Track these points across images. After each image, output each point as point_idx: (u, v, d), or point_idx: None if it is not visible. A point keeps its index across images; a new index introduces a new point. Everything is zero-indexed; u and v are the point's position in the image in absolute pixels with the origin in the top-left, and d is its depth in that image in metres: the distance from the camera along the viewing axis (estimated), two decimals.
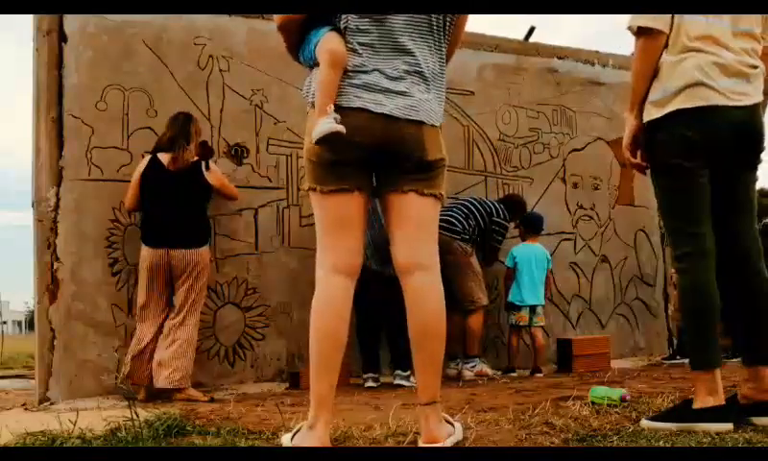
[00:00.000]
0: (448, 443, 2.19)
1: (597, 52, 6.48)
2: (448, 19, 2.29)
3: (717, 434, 2.26)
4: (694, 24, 2.49)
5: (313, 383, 2.22)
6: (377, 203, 4.84)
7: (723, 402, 2.40)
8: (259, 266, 4.88)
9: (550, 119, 6.14)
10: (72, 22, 4.46)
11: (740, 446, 2.10)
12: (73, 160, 4.39)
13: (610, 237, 6.27)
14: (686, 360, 5.04)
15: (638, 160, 2.68)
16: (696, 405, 2.41)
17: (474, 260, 5.10)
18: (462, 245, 4.99)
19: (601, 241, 6.24)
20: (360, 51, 2.19)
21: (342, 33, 2.21)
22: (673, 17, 2.49)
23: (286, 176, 5.03)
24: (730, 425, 2.33)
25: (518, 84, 6.00)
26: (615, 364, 5.39)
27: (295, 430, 2.26)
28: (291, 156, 5.05)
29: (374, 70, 2.18)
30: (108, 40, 4.55)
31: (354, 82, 2.18)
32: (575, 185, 6.18)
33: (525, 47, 6.10)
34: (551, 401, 3.04)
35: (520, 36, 6.17)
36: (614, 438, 2.25)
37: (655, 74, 2.54)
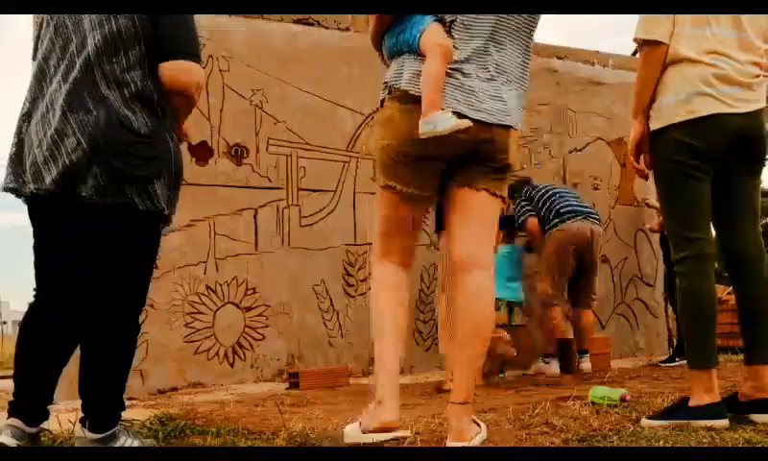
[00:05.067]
0: (476, 442, 2.20)
1: (597, 52, 6.49)
2: (532, 19, 2.30)
3: (713, 430, 2.29)
4: (697, 36, 2.54)
5: (377, 375, 2.29)
6: None
7: (718, 400, 2.47)
8: (259, 266, 4.88)
9: (550, 119, 6.14)
10: None
11: (740, 445, 2.10)
12: None
13: (610, 237, 6.26)
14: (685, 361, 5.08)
15: (642, 166, 2.74)
16: (692, 403, 2.48)
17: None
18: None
19: (601, 241, 6.23)
20: (459, 48, 2.17)
21: (444, 25, 2.19)
22: (673, 27, 2.54)
23: (286, 176, 5.03)
24: (725, 422, 2.39)
25: None
26: (615, 364, 5.39)
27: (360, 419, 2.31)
28: (291, 156, 5.05)
29: (470, 70, 2.17)
30: None
31: (452, 81, 2.16)
32: (575, 185, 6.17)
33: None
34: (551, 401, 3.04)
35: None
36: (614, 438, 2.25)
37: (659, 82, 2.60)
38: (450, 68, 2.15)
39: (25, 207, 2.28)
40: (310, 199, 5.06)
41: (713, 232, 2.67)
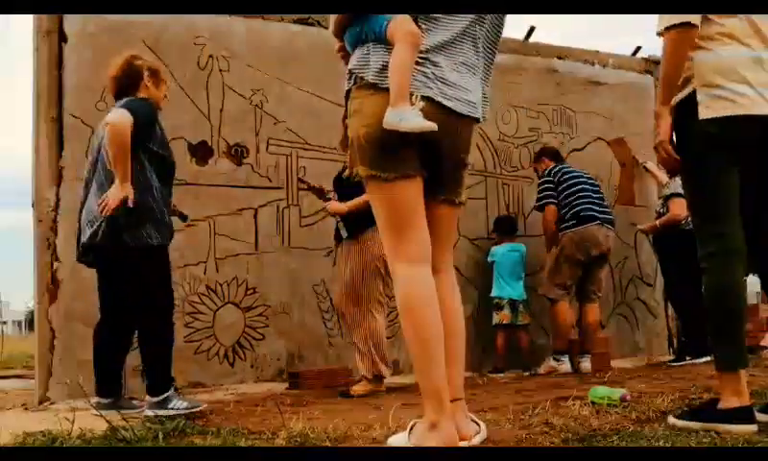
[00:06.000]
0: (476, 441, 2.18)
1: (597, 52, 6.48)
2: (500, 18, 2.30)
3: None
4: (726, 21, 2.45)
5: (427, 380, 2.10)
6: None
7: (747, 403, 2.38)
8: (259, 266, 4.88)
9: (550, 119, 6.13)
10: (72, 22, 4.46)
11: (740, 446, 2.10)
12: (73, 160, 4.39)
13: None
14: (697, 360, 5.07)
15: (677, 156, 2.59)
16: (721, 406, 2.40)
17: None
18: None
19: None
20: (426, 36, 2.14)
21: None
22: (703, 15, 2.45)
23: (286, 176, 5.03)
24: (754, 427, 2.32)
25: (518, 84, 6.00)
26: (615, 364, 5.39)
27: (409, 428, 2.20)
28: (291, 155, 5.05)
29: (438, 60, 2.14)
30: (107, 40, 4.55)
31: (422, 69, 2.12)
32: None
33: (525, 47, 6.10)
34: (551, 401, 3.04)
35: (520, 36, 6.17)
36: (614, 438, 2.25)
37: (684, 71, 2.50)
38: (420, 57, 2.11)
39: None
40: (310, 199, 5.06)
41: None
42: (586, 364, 5.09)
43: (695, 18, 2.45)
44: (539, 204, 5.37)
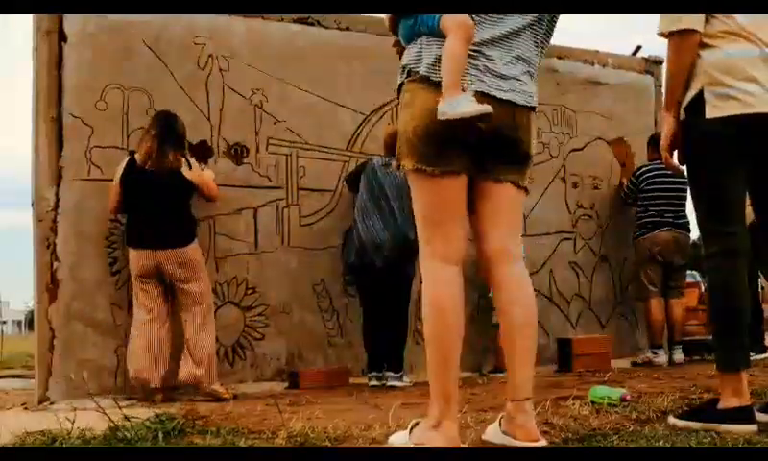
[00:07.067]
0: (543, 441, 2.15)
1: (597, 52, 6.48)
2: (553, 18, 2.29)
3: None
4: (733, 19, 2.44)
5: (438, 380, 2.09)
6: (367, 202, 4.86)
7: (748, 403, 2.38)
8: (259, 266, 4.88)
9: (550, 119, 6.13)
10: (72, 22, 4.45)
11: (740, 446, 2.10)
12: (73, 160, 4.39)
13: (610, 237, 6.26)
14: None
15: (676, 162, 2.65)
16: (721, 405, 2.40)
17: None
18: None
19: (601, 241, 6.24)
20: (482, 31, 2.13)
21: None
22: (705, 16, 2.44)
23: (286, 175, 5.03)
24: (754, 427, 2.32)
25: None
26: (615, 364, 5.39)
27: (410, 428, 2.19)
28: (291, 155, 5.05)
29: (492, 53, 2.13)
30: (107, 40, 4.55)
31: (475, 63, 2.11)
32: (575, 185, 6.17)
33: None
34: (551, 401, 3.04)
35: None
36: (614, 438, 2.25)
37: (690, 74, 2.50)
38: (473, 50, 2.10)
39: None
40: (310, 198, 5.05)
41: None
42: (677, 355, 5.58)
43: (697, 23, 2.44)
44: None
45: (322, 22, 5.18)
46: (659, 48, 2.62)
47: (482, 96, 2.07)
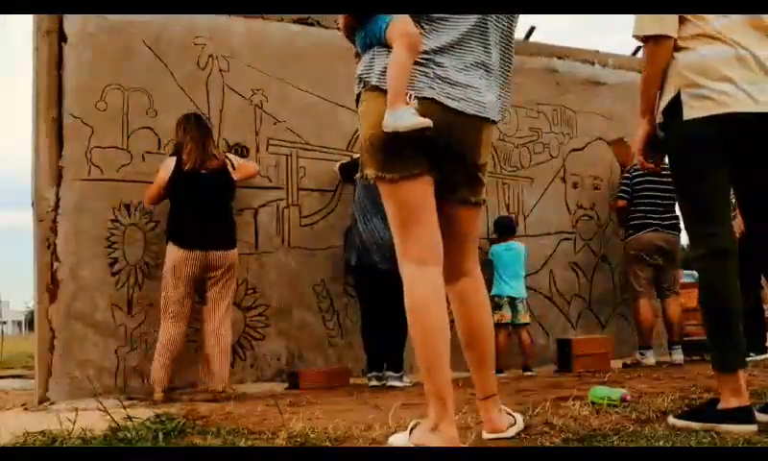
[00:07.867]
0: (510, 432, 2.31)
1: (597, 52, 6.49)
2: (512, 17, 2.27)
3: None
4: (706, 21, 2.44)
5: (430, 382, 2.10)
6: (366, 202, 4.86)
7: (747, 403, 2.38)
8: (259, 266, 4.88)
9: (550, 119, 6.14)
10: (72, 22, 4.46)
11: (740, 446, 2.10)
12: (73, 160, 4.39)
13: (610, 237, 6.27)
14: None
15: (652, 164, 2.71)
16: (721, 406, 2.40)
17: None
18: None
19: (601, 241, 6.24)
20: (430, 37, 2.11)
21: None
22: (680, 19, 2.46)
23: (286, 176, 5.03)
24: (754, 427, 2.31)
25: (518, 83, 5.98)
26: (615, 364, 5.39)
27: (410, 428, 2.19)
28: (291, 155, 5.05)
29: (443, 60, 2.11)
30: (107, 40, 4.55)
31: (425, 70, 2.10)
32: (575, 185, 6.18)
33: (525, 47, 6.09)
34: (551, 401, 3.04)
35: (520, 35, 6.17)
36: (614, 438, 2.25)
37: (665, 77, 2.52)
38: (423, 58, 2.10)
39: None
40: (310, 199, 5.05)
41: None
42: (677, 356, 5.46)
43: (671, 29, 2.46)
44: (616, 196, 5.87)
45: (322, 22, 5.19)
46: None
47: (431, 102, 2.07)
